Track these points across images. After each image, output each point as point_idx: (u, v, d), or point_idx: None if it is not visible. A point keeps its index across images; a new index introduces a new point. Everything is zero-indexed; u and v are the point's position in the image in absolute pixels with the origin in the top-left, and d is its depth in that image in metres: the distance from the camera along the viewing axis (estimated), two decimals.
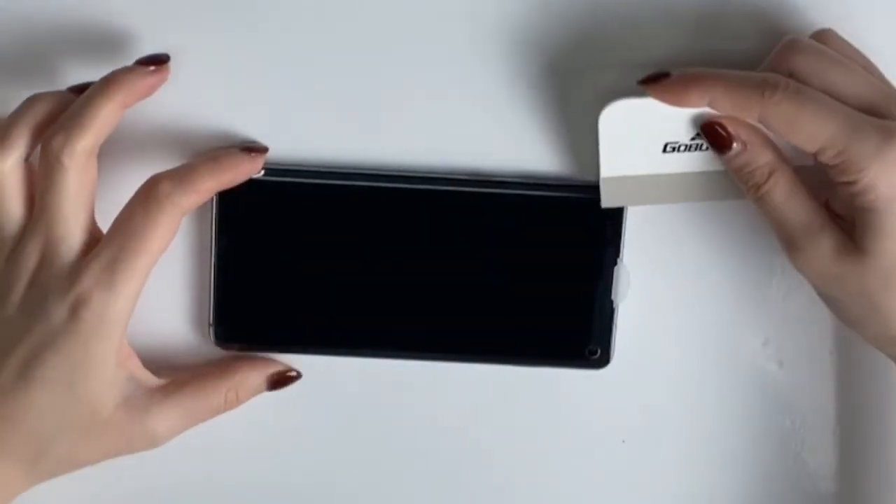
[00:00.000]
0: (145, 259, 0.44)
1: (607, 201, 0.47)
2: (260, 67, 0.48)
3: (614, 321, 0.49)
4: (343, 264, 0.48)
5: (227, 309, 0.49)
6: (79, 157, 0.44)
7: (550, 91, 0.48)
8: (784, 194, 0.44)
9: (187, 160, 0.48)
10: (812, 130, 0.41)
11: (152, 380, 0.47)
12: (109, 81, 0.45)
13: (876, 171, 0.41)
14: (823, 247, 0.43)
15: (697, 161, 0.46)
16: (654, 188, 0.47)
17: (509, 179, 0.48)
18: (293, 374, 0.49)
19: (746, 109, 0.43)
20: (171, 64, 0.46)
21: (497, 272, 0.49)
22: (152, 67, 0.46)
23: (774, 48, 0.44)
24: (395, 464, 0.51)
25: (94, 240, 0.45)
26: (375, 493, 0.52)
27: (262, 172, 0.47)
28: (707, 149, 0.46)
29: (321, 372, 0.50)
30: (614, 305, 0.49)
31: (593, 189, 0.48)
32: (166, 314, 0.50)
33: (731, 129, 0.44)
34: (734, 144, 0.44)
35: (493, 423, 0.51)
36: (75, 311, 0.43)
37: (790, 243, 0.44)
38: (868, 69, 0.44)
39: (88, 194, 0.45)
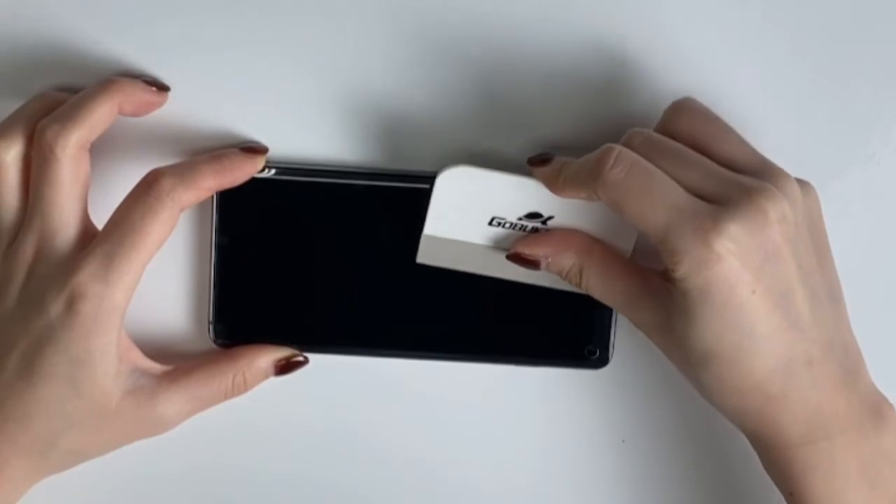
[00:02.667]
0: (142, 253, 0.44)
1: (422, 257, 0.48)
2: (260, 67, 0.48)
3: (614, 321, 0.49)
4: (343, 263, 0.49)
5: (227, 307, 0.49)
6: (71, 148, 0.44)
7: (550, 91, 0.48)
8: (599, 283, 0.46)
9: (186, 159, 0.48)
10: (633, 216, 0.42)
11: (157, 367, 0.47)
12: (110, 82, 0.46)
13: (689, 264, 0.41)
14: (644, 323, 0.45)
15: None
16: (472, 257, 0.48)
17: None
18: (301, 359, 0.49)
19: (589, 195, 0.43)
20: (171, 64, 0.47)
21: None
22: (154, 88, 0.47)
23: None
24: (394, 462, 0.51)
25: (89, 234, 0.45)
26: (375, 491, 0.52)
27: (268, 171, 0.48)
28: (531, 230, 0.47)
29: (321, 370, 0.50)
30: None
31: None
32: (166, 312, 0.50)
33: (529, 251, 0.46)
34: (540, 262, 0.46)
35: (494, 423, 0.51)
36: (72, 304, 0.43)
37: (620, 312, 0.47)
38: (725, 140, 0.44)
39: (81, 187, 0.45)
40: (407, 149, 0.49)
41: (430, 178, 0.47)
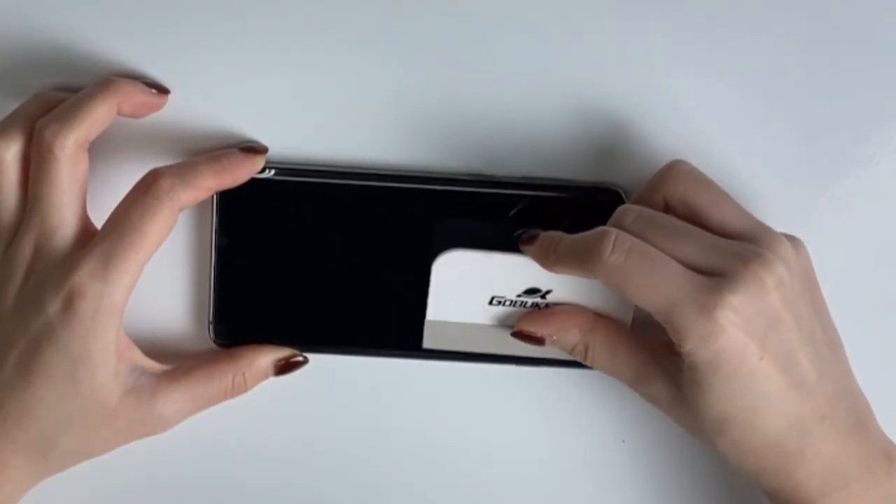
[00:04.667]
0: (141, 253, 0.44)
1: (428, 343, 0.49)
2: (260, 66, 0.48)
3: None
4: (342, 263, 0.49)
5: (227, 307, 0.49)
6: (70, 148, 0.44)
7: (549, 90, 0.48)
8: (606, 359, 0.47)
9: (186, 159, 0.48)
10: (635, 298, 0.43)
11: (157, 366, 0.47)
12: (109, 83, 0.46)
13: (695, 341, 0.42)
14: (654, 396, 0.46)
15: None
16: (477, 337, 0.49)
17: (509, 180, 0.48)
18: (300, 359, 0.49)
19: (586, 274, 0.44)
20: (171, 64, 0.47)
21: None
22: (153, 90, 0.47)
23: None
24: (394, 462, 0.51)
25: (88, 233, 0.45)
26: (375, 491, 0.52)
27: (268, 171, 0.48)
28: (532, 306, 0.48)
29: (321, 370, 0.50)
30: None
31: (592, 190, 0.48)
32: (166, 312, 0.50)
33: (534, 329, 0.48)
34: (545, 339, 0.48)
35: (493, 423, 0.51)
36: (70, 303, 0.43)
37: (629, 386, 0.47)
38: (718, 206, 0.45)
39: (80, 186, 0.45)
40: (407, 149, 0.49)
41: (430, 179, 0.48)
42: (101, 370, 0.45)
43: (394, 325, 0.49)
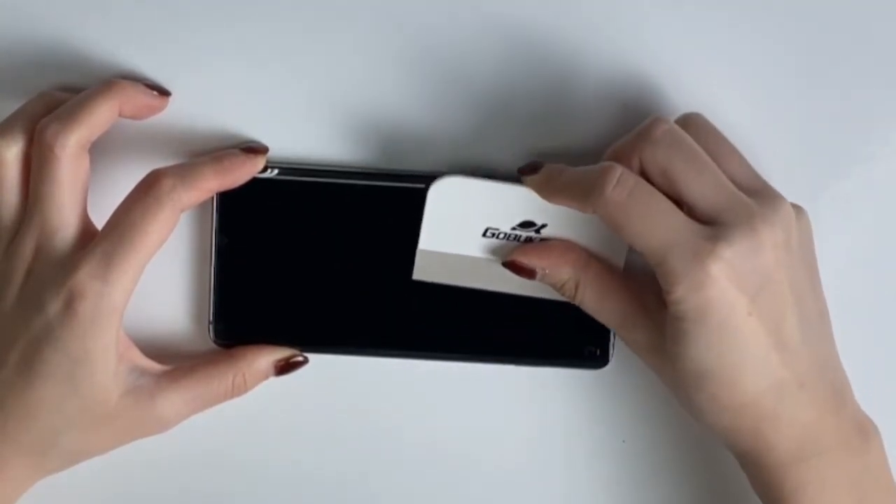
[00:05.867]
0: (142, 253, 0.44)
1: (418, 274, 0.48)
2: (261, 67, 0.48)
3: None
4: (342, 263, 0.49)
5: (227, 307, 0.49)
6: (71, 148, 0.44)
7: (548, 90, 0.48)
8: (594, 300, 0.46)
9: (186, 160, 0.48)
10: (632, 237, 0.42)
11: (156, 367, 0.47)
12: (112, 84, 0.46)
13: (686, 287, 0.42)
14: (637, 342, 0.46)
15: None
16: (468, 270, 0.48)
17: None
18: (300, 359, 0.49)
19: (584, 208, 0.44)
20: (173, 65, 0.47)
21: None
22: (154, 92, 0.47)
23: (634, 130, 0.44)
24: (393, 461, 0.51)
25: (88, 233, 0.46)
26: (375, 491, 0.52)
27: (269, 172, 0.48)
28: (525, 240, 0.47)
29: (321, 370, 0.50)
30: None
31: None
32: (166, 311, 0.50)
33: (527, 260, 0.47)
34: (537, 272, 0.47)
35: (493, 423, 0.51)
36: (70, 303, 0.43)
37: (613, 329, 0.48)
38: (728, 160, 0.45)
39: (81, 186, 0.45)
40: (407, 149, 0.49)
41: (430, 179, 0.47)
42: (100, 370, 0.45)
43: (394, 326, 0.49)
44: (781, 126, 0.48)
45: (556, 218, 0.47)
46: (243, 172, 0.47)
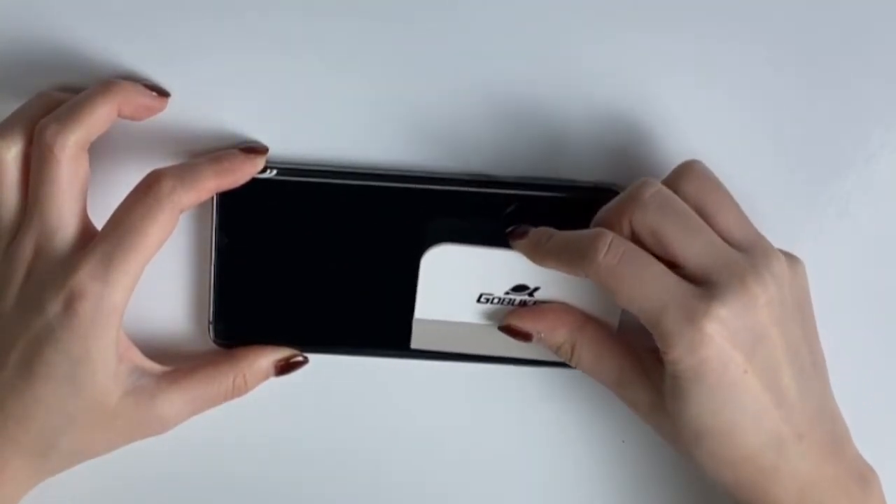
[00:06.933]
0: (142, 254, 0.44)
1: (416, 342, 0.49)
2: (260, 66, 0.48)
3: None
4: (342, 263, 0.49)
5: (227, 307, 0.49)
6: (70, 149, 0.44)
7: (548, 91, 0.48)
8: (591, 361, 0.47)
9: (186, 159, 0.48)
10: (626, 301, 0.43)
11: (157, 367, 0.47)
12: (110, 84, 0.46)
13: (681, 348, 0.42)
14: (635, 401, 0.47)
15: None
16: (465, 337, 0.49)
17: (509, 180, 0.48)
18: (300, 359, 0.50)
19: (576, 272, 0.44)
20: (172, 65, 0.47)
21: None
22: (154, 93, 0.47)
23: (621, 193, 0.45)
24: (393, 461, 0.52)
25: (88, 234, 0.45)
26: (375, 490, 0.52)
27: (268, 172, 0.48)
28: (519, 304, 0.48)
29: (321, 370, 0.50)
30: None
31: (592, 190, 0.48)
32: (166, 312, 0.50)
33: (522, 324, 0.48)
34: (533, 336, 0.47)
35: (493, 423, 0.51)
36: (70, 304, 0.43)
37: (610, 389, 0.47)
38: (723, 211, 0.45)
39: (80, 187, 0.45)
40: (407, 149, 0.49)
41: (429, 179, 0.48)
42: (100, 371, 0.45)
43: (393, 326, 0.49)
44: (781, 127, 0.48)
45: (548, 281, 0.47)
46: (243, 173, 0.47)
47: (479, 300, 0.48)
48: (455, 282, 0.48)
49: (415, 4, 0.47)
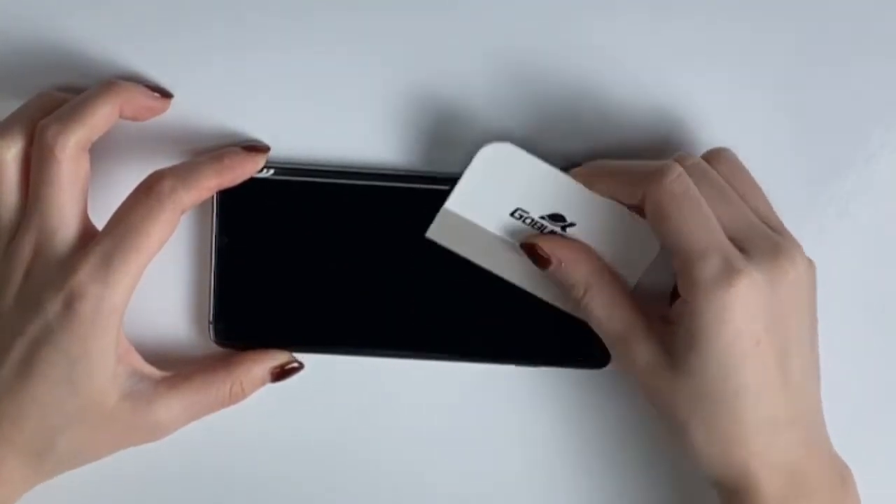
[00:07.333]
0: (142, 255, 0.44)
1: (433, 233, 0.48)
2: (260, 66, 0.48)
3: None
4: (343, 263, 0.49)
5: (227, 307, 0.49)
6: (71, 149, 0.44)
7: (548, 92, 0.48)
8: (601, 308, 0.46)
9: (187, 159, 0.48)
10: (673, 233, 0.43)
11: (156, 372, 0.47)
12: (112, 84, 0.46)
13: (706, 299, 0.42)
14: (639, 360, 0.45)
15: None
16: (482, 246, 0.47)
17: None
18: (296, 365, 0.49)
19: (632, 193, 0.44)
20: (173, 65, 0.47)
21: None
22: (156, 94, 0.47)
23: (657, 162, 0.44)
24: (394, 462, 0.51)
25: (88, 234, 0.45)
26: (375, 491, 0.52)
27: (267, 171, 0.48)
28: (548, 233, 0.47)
29: (321, 371, 0.50)
30: None
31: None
32: (166, 312, 0.50)
33: (547, 248, 0.46)
34: (552, 263, 0.46)
35: (493, 423, 0.51)
36: (70, 304, 0.43)
37: (610, 348, 0.47)
38: (752, 198, 0.45)
39: (81, 187, 0.45)
40: (407, 149, 0.49)
41: (430, 179, 0.48)
42: (99, 371, 0.45)
43: (394, 326, 0.49)
44: (781, 127, 0.48)
45: (586, 220, 0.46)
46: (244, 170, 0.47)
47: (512, 214, 0.47)
48: (497, 187, 0.46)
49: (415, 4, 0.47)
